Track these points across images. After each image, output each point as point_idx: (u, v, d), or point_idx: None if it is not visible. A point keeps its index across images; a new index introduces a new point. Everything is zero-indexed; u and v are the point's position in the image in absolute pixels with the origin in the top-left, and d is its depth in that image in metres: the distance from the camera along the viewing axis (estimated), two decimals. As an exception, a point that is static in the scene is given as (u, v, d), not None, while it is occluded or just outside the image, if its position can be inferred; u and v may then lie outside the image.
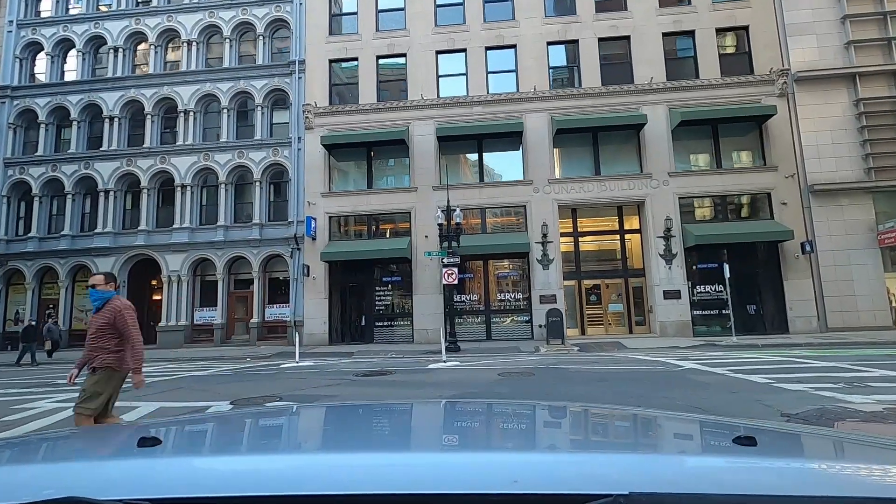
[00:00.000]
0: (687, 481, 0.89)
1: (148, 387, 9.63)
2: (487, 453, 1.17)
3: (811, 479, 0.92)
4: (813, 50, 18.68)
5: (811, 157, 18.16)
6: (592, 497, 0.76)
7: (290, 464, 1.05)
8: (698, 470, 0.99)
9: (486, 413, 1.85)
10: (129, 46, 22.79)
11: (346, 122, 20.36)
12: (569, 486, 0.84)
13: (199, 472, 1.01)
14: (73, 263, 21.55)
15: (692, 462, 1.08)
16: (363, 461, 1.02)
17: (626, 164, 19.43)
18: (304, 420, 1.76)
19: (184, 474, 0.97)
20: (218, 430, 1.57)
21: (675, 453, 1.25)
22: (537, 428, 1.56)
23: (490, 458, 1.09)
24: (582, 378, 9.24)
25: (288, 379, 10.05)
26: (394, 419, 1.68)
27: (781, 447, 1.25)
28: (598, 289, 19.56)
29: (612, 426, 1.60)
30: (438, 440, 1.40)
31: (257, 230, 20.77)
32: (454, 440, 1.39)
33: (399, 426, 1.60)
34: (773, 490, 0.83)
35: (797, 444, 1.31)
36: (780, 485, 0.86)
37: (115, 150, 21.93)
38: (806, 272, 17.81)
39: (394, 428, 1.57)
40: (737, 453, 1.04)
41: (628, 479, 0.86)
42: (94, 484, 0.90)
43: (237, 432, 1.52)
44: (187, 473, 0.98)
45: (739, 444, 1.05)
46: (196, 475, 0.97)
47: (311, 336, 19.39)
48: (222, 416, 1.98)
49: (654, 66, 19.43)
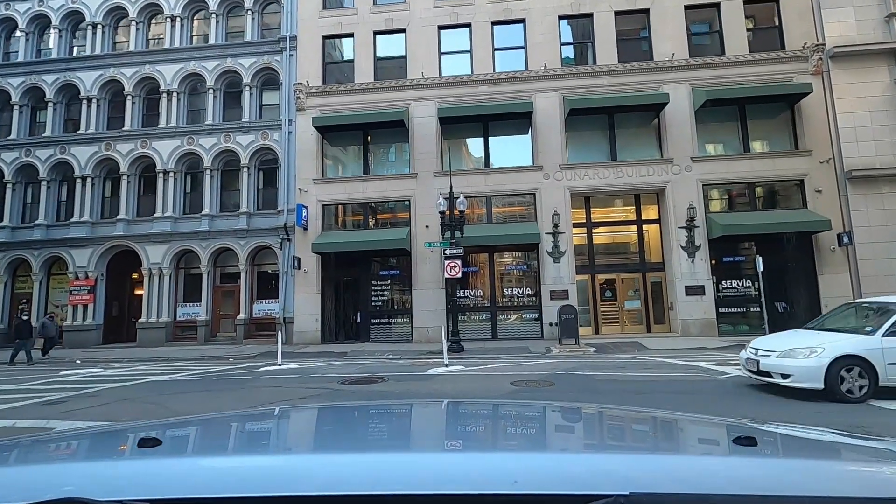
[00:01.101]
0: (687, 481, 0.88)
1: (94, 396, 8.18)
2: (488, 453, 1.18)
3: (811, 478, 0.92)
4: (850, 23, 17.05)
5: (848, 141, 16.57)
6: (593, 497, 0.76)
7: (292, 464, 1.04)
8: (699, 470, 0.97)
9: (486, 414, 1.78)
10: (108, 22, 21.21)
11: (340, 102, 18.79)
12: (569, 486, 0.84)
13: (200, 472, 0.99)
14: (48, 255, 20.06)
15: (692, 462, 1.07)
16: (363, 461, 1.01)
17: (644, 148, 17.85)
18: (304, 421, 1.77)
19: (184, 475, 0.96)
20: (218, 430, 1.53)
21: (675, 453, 1.26)
22: (537, 428, 1.54)
23: (490, 458, 1.10)
24: (613, 390, 7.72)
25: (260, 388, 8.56)
26: (394, 420, 1.67)
27: (781, 447, 1.27)
28: (613, 284, 18.00)
29: (613, 426, 1.58)
30: (439, 441, 1.41)
31: (245, 219, 19.24)
32: (454, 440, 1.40)
33: (399, 427, 1.59)
34: (773, 490, 0.83)
35: (797, 445, 1.30)
36: (780, 485, 0.86)
37: (94, 133, 20.40)
38: (843, 266, 16.25)
39: (394, 428, 1.56)
40: (737, 453, 1.06)
41: (629, 478, 0.86)
42: (94, 484, 0.89)
43: (238, 433, 1.50)
44: (187, 474, 0.97)
45: (739, 445, 1.06)
46: (196, 476, 0.96)
47: (302, 334, 17.89)
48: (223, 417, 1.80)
49: (675, 42, 17.82)
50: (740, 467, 0.98)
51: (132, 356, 15.89)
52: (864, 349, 6.33)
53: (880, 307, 7.16)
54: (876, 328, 6.61)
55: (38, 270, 19.99)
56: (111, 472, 1.00)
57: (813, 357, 6.41)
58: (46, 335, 16.67)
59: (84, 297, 19.53)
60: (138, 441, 1.09)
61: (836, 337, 6.80)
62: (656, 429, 1.53)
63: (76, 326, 19.32)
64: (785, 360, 6.63)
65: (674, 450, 1.34)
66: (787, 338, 7.37)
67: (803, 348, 6.64)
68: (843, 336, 6.80)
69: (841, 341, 6.61)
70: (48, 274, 20.48)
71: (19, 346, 15.24)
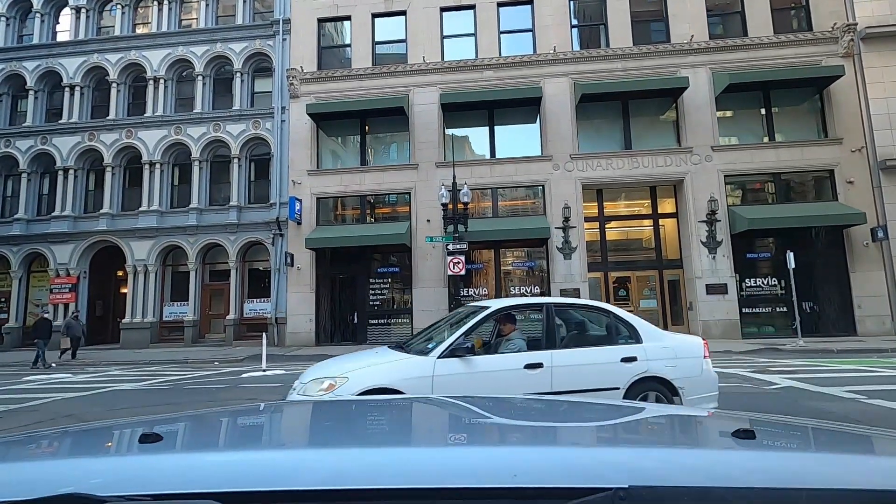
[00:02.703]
0: (686, 474, 0.88)
1: (35, 410, 7.05)
2: (487, 447, 1.18)
3: (810, 471, 0.92)
4: (883, 2, 15.89)
5: (881, 128, 15.39)
6: (592, 490, 0.76)
7: (293, 458, 1.03)
8: (698, 463, 0.97)
9: (486, 408, 1.73)
10: (93, 6, 20.10)
11: (336, 89, 17.64)
12: (568, 479, 0.83)
13: (201, 467, 0.98)
14: (28, 251, 18.95)
15: (692, 455, 1.06)
16: (363, 456, 1.01)
17: (661, 137, 16.68)
18: (305, 415, 1.73)
19: (185, 470, 0.95)
20: (219, 425, 1.52)
21: (674, 446, 1.26)
22: (536, 422, 1.51)
23: (489, 451, 1.10)
24: (647, 403, 6.54)
25: (233, 400, 7.43)
26: (394, 415, 1.66)
27: (781, 440, 1.26)
28: (627, 282, 16.82)
29: (612, 419, 1.53)
30: (438, 434, 1.42)
31: (235, 213, 18.12)
32: (453, 434, 1.40)
33: (399, 421, 1.59)
34: (772, 483, 0.83)
35: (796, 438, 1.31)
36: (780, 478, 0.86)
37: (76, 122, 19.28)
38: (877, 263, 15.06)
39: (394, 423, 1.56)
40: (736, 446, 1.04)
41: (628, 472, 0.86)
42: (95, 480, 0.89)
43: (239, 427, 1.50)
44: (188, 469, 0.96)
45: (739, 438, 1.05)
46: (197, 471, 0.95)
47: (295, 335, 16.76)
48: (223, 411, 1.73)
49: (694, 23, 16.64)
50: (740, 460, 0.96)
51: (111, 359, 14.78)
52: (405, 378, 4.43)
53: (474, 312, 5.18)
54: (434, 346, 4.74)
55: (18, 267, 18.88)
56: (112, 468, 1.00)
57: (332, 392, 4.38)
58: (72, 336, 15.32)
59: (65, 295, 18.43)
60: (139, 436, 1.07)
61: (374, 360, 4.86)
62: (656, 422, 1.52)
63: (56, 327, 18.16)
64: (305, 397, 4.46)
65: (673, 443, 1.33)
66: (343, 362, 5.07)
67: (324, 379, 4.57)
68: (388, 360, 4.83)
69: (373, 368, 4.67)
70: (28, 271, 19.37)
71: (40, 345, 13.89)
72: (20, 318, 18.95)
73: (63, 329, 15.49)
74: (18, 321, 18.85)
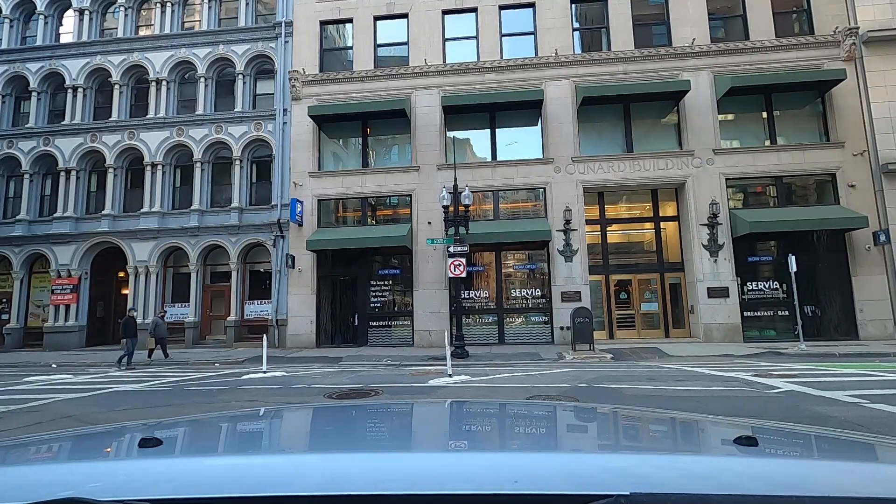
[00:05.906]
0: (688, 481, 0.88)
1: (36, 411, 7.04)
2: (488, 453, 1.17)
3: (813, 479, 0.91)
4: (885, 6, 15.89)
5: (884, 132, 15.37)
6: (594, 497, 0.75)
7: (293, 463, 1.03)
8: (700, 470, 0.96)
9: (487, 413, 1.75)
10: (96, 8, 20.17)
11: (338, 91, 17.68)
12: (570, 486, 0.83)
13: (201, 472, 0.97)
14: (30, 252, 18.98)
15: (694, 462, 1.05)
16: (365, 461, 1.00)
17: (662, 140, 16.67)
18: (306, 420, 1.72)
19: (185, 475, 0.95)
20: (219, 429, 1.51)
21: (676, 453, 1.25)
22: (538, 428, 1.51)
23: (490, 458, 1.08)
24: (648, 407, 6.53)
25: (230, 402, 7.40)
26: (395, 420, 1.64)
27: (783, 447, 1.24)
28: (628, 285, 16.80)
29: (614, 426, 1.54)
30: (439, 440, 1.41)
31: (236, 215, 18.14)
32: (455, 440, 1.39)
33: (400, 427, 1.57)
34: (774, 490, 0.83)
35: (798, 445, 1.29)
36: (782, 485, 0.86)
37: (79, 124, 19.33)
38: (879, 267, 15.03)
39: (395, 429, 1.55)
40: (738, 453, 1.03)
41: (630, 478, 0.86)
42: (94, 484, 0.89)
43: (239, 432, 1.49)
44: (188, 474, 0.96)
45: (741, 445, 1.04)
46: (197, 476, 0.95)
47: (296, 337, 16.75)
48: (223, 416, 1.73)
49: (696, 26, 16.66)
50: (742, 467, 0.96)
51: (112, 360, 14.76)
52: None
53: None
54: None
55: (19, 268, 18.91)
56: (112, 472, 0.99)
57: None
58: (158, 336, 15.12)
59: (67, 296, 18.45)
60: (139, 441, 1.07)
61: None
62: (658, 429, 1.51)
63: (58, 328, 18.22)
64: None
65: (675, 449, 1.33)
66: None
67: None
68: None
69: None
70: (30, 272, 19.40)
71: (130, 344, 13.72)
72: (21, 318, 18.97)
73: (150, 328, 15.29)
74: (20, 322, 18.87)
